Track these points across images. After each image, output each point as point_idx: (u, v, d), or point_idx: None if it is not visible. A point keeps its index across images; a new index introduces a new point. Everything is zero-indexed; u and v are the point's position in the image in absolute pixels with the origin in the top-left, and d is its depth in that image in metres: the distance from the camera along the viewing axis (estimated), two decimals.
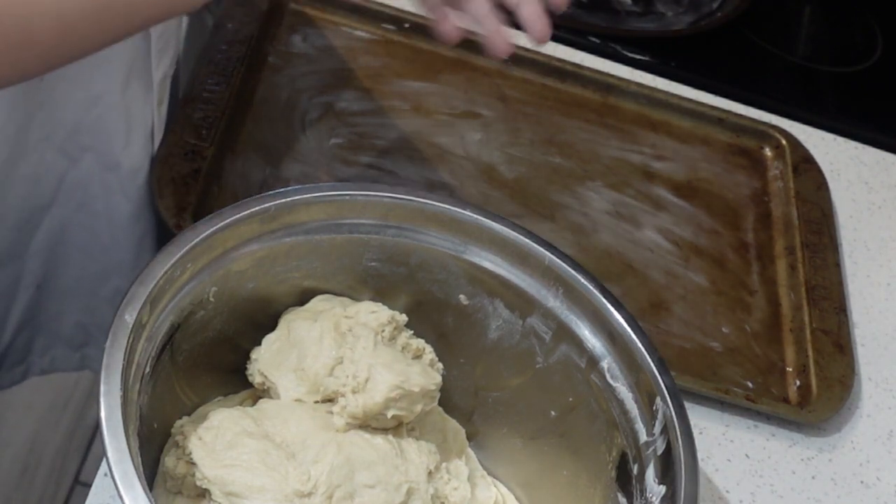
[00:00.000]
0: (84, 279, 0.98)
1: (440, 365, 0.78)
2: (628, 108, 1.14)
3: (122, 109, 0.88)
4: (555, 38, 1.18)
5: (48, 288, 0.98)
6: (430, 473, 0.74)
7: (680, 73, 1.21)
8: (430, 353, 0.78)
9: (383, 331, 0.76)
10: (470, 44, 1.12)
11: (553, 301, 0.77)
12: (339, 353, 0.74)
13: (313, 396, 0.74)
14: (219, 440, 0.70)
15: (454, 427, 0.81)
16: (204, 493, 0.70)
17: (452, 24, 0.74)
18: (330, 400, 0.75)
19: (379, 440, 0.73)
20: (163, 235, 0.98)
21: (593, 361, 0.76)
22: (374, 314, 0.76)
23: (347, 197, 0.77)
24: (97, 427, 0.61)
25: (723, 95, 1.19)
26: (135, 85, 0.88)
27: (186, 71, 1.02)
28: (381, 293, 0.80)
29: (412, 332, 0.78)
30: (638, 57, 1.21)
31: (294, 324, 0.76)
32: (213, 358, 0.76)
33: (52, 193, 0.91)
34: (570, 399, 0.78)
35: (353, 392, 0.72)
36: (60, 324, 1.02)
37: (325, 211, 0.76)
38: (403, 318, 0.77)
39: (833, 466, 0.91)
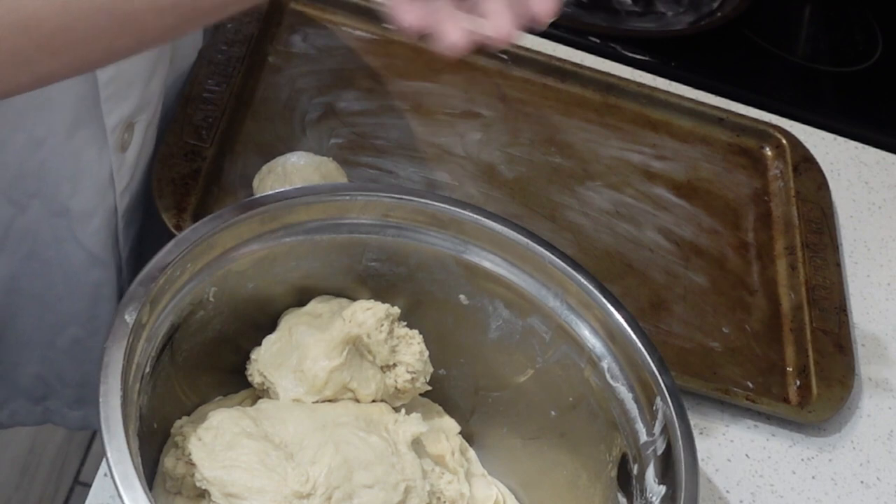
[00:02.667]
0: (40, 329, 0.95)
1: (427, 351, 0.78)
2: (628, 108, 1.14)
3: (68, 155, 0.84)
4: (555, 38, 1.20)
5: (4, 337, 0.94)
6: (425, 472, 0.74)
7: (680, 73, 1.21)
8: (419, 342, 0.78)
9: (382, 325, 0.76)
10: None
11: (553, 301, 0.77)
12: (342, 361, 0.74)
13: (312, 397, 0.74)
14: (218, 440, 0.70)
15: (450, 424, 0.82)
16: (203, 493, 0.70)
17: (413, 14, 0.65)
18: (330, 400, 0.75)
19: (374, 439, 0.73)
20: (122, 285, 0.95)
21: (593, 361, 0.76)
22: (370, 311, 0.76)
23: (347, 197, 0.77)
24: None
25: (723, 95, 1.19)
26: (83, 131, 0.84)
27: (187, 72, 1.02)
28: (381, 293, 0.80)
29: (405, 323, 0.78)
30: (638, 57, 1.21)
31: (297, 328, 0.76)
32: (213, 358, 0.76)
33: (0, 241, 0.88)
34: (570, 399, 0.78)
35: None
36: (18, 375, 0.98)
37: (325, 211, 0.76)
38: (396, 310, 0.77)
39: (833, 466, 0.91)
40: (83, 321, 0.95)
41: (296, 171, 0.91)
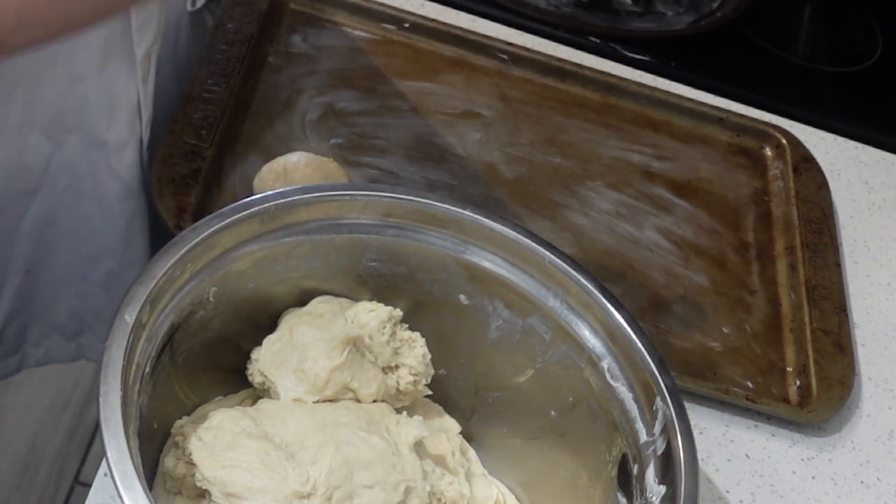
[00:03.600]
0: (75, 263, 0.98)
1: (429, 354, 0.78)
2: (628, 108, 1.14)
3: (104, 87, 0.87)
4: (555, 38, 1.20)
5: (39, 273, 0.97)
6: (425, 472, 0.74)
7: (680, 73, 1.21)
8: (422, 345, 0.78)
9: (385, 327, 0.76)
10: (470, 44, 1.13)
11: (553, 301, 0.77)
12: (342, 360, 0.74)
13: (313, 396, 0.74)
14: (218, 440, 0.70)
15: (451, 424, 0.82)
16: (203, 493, 0.70)
17: None
18: (330, 400, 0.75)
19: (375, 439, 0.73)
20: (154, 217, 0.97)
21: (593, 361, 0.76)
22: (373, 312, 0.76)
23: (347, 197, 0.77)
24: (97, 427, 0.61)
25: (723, 95, 1.19)
26: (115, 62, 0.87)
27: (188, 70, 1.02)
28: (381, 293, 0.80)
29: (407, 325, 0.79)
30: (638, 57, 1.21)
31: (298, 328, 0.76)
32: (213, 358, 0.76)
33: (39, 177, 0.90)
34: (570, 399, 0.78)
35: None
36: (54, 311, 1.01)
37: (325, 211, 0.76)
38: (399, 312, 0.78)
39: (833, 466, 0.91)
40: (117, 253, 0.97)
41: (296, 171, 0.91)
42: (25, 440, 1.73)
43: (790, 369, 0.96)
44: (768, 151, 1.14)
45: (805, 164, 1.12)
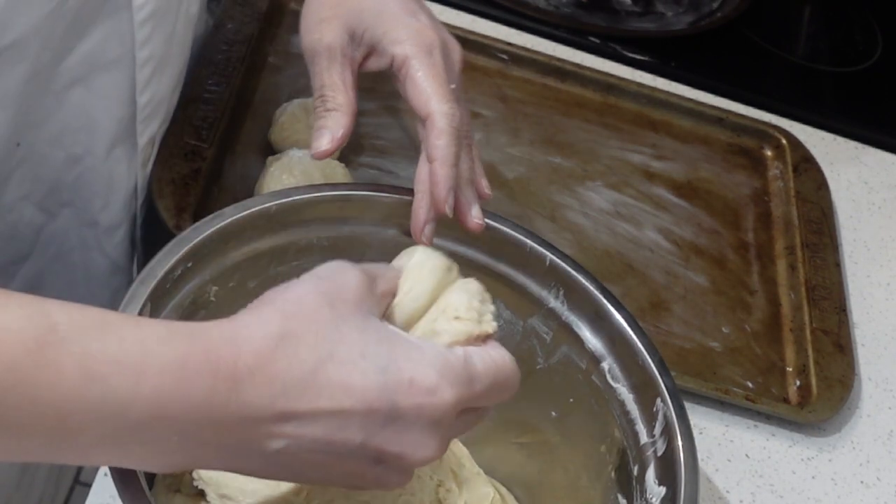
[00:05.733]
0: None
1: None
2: (628, 108, 1.14)
3: (104, 172, 0.87)
4: (555, 38, 1.20)
5: None
6: (422, 480, 0.74)
7: (680, 73, 1.21)
8: None
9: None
10: (470, 44, 1.13)
11: (553, 302, 0.77)
12: None
13: None
14: None
15: None
16: (202, 491, 0.70)
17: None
18: None
19: None
20: None
21: (594, 362, 0.76)
22: None
23: (347, 197, 0.77)
24: None
25: (723, 95, 1.19)
26: (119, 150, 0.86)
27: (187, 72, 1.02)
28: None
29: None
30: (638, 57, 1.21)
31: None
32: None
33: (30, 245, 0.90)
34: (571, 399, 0.78)
35: None
36: None
37: (326, 211, 0.76)
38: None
39: (833, 466, 0.91)
40: None
41: (300, 164, 0.92)
42: None
43: (790, 369, 0.96)
44: (768, 151, 1.14)
45: (805, 164, 1.12)
